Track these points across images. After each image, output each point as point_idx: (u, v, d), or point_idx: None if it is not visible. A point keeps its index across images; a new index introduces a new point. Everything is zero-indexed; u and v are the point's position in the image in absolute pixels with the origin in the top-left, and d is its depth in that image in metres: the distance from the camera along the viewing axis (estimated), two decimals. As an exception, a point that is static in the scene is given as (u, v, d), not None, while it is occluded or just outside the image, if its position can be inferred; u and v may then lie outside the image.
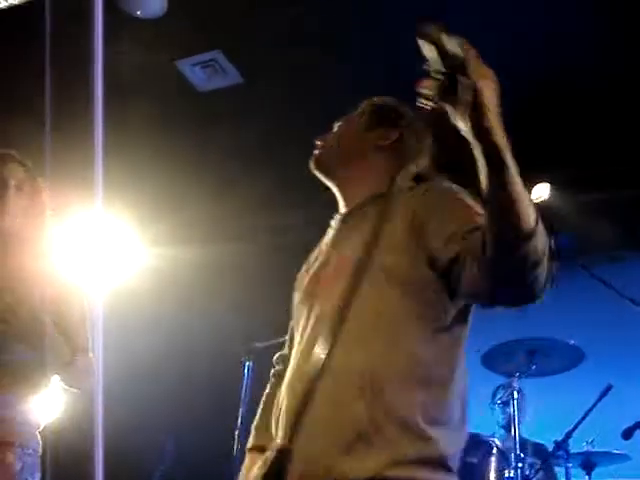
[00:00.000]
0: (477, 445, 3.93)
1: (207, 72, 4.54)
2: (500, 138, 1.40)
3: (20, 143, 2.65)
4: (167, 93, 4.70)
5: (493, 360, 4.14)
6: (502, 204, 1.45)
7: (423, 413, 1.62)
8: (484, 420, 4.46)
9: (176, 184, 5.26)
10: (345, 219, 1.94)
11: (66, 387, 2.57)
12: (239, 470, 1.90)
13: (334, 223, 1.98)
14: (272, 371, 2.07)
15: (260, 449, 1.89)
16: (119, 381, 4.29)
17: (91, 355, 2.52)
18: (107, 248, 5.05)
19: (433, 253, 1.66)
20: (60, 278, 2.55)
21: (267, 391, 2.04)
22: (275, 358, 2.07)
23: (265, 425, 1.91)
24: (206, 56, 4.43)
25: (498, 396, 4.19)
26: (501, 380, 4.16)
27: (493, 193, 1.46)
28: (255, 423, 2.00)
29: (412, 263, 1.71)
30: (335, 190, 2.01)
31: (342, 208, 1.99)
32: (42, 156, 2.25)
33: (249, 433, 1.99)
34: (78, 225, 3.75)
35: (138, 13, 4.06)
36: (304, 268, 2.02)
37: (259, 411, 2.01)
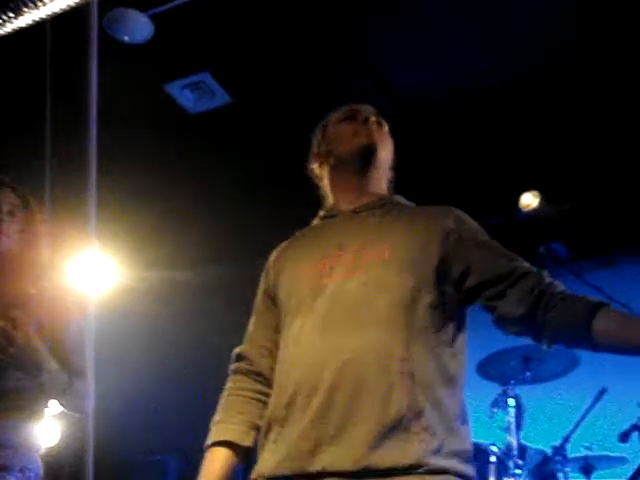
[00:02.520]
0: (475, 453, 3.91)
1: (196, 94, 4.57)
2: None
3: (14, 168, 2.68)
4: (157, 116, 4.73)
5: (488, 368, 4.16)
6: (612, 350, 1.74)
7: (453, 408, 1.71)
8: (481, 428, 4.48)
9: (169, 208, 5.28)
10: (358, 213, 1.99)
11: (66, 411, 2.59)
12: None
13: (336, 215, 2.03)
14: (232, 367, 2.02)
15: (225, 444, 1.88)
16: (116, 405, 4.31)
17: (89, 379, 2.53)
18: (100, 272, 5.06)
19: (471, 269, 1.82)
20: (56, 302, 2.56)
21: (230, 385, 2.00)
22: (235, 355, 2.03)
23: (229, 420, 1.91)
24: (194, 78, 4.47)
25: (495, 404, 4.21)
26: (497, 388, 4.17)
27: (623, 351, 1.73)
28: (217, 418, 1.95)
29: (443, 268, 1.81)
30: (352, 181, 2.04)
31: (344, 202, 2.03)
32: (38, 181, 2.27)
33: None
34: (73, 250, 3.77)
35: (125, 39, 4.09)
36: (283, 252, 2.07)
37: (221, 407, 1.97)
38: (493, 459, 3.93)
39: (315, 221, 2.12)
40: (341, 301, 1.77)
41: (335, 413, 1.65)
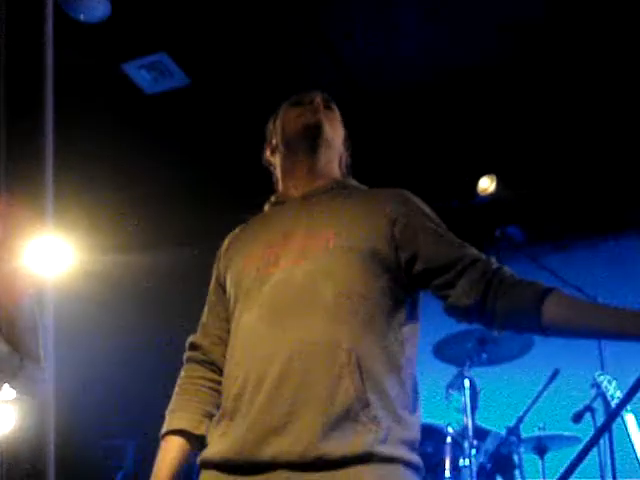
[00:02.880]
0: (431, 434, 3.98)
1: (153, 74, 4.52)
2: None
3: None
4: (113, 97, 4.68)
5: (444, 350, 4.20)
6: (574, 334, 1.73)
7: (402, 397, 1.71)
8: (437, 410, 4.52)
9: (125, 191, 5.24)
10: (306, 198, 1.97)
11: (18, 395, 2.56)
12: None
13: (284, 201, 2.03)
14: (186, 356, 2.00)
15: (179, 433, 1.87)
16: (74, 389, 4.28)
17: (42, 362, 2.51)
18: (56, 255, 5.01)
19: (418, 256, 1.80)
20: (8, 284, 2.54)
21: (184, 374, 1.98)
22: (189, 344, 2.01)
23: (183, 409, 1.90)
24: (152, 58, 4.43)
25: (451, 385, 4.24)
26: (453, 370, 4.21)
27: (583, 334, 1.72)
28: (171, 407, 1.94)
29: (390, 254, 1.80)
30: (301, 164, 2.03)
31: (294, 188, 2.02)
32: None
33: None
34: (28, 233, 3.72)
35: (81, 17, 4.03)
36: (234, 242, 2.05)
37: (175, 396, 1.95)
38: (449, 440, 3.97)
39: (266, 208, 2.11)
40: (287, 291, 1.76)
41: (281, 404, 1.64)
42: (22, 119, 2.18)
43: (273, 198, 2.09)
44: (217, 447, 1.73)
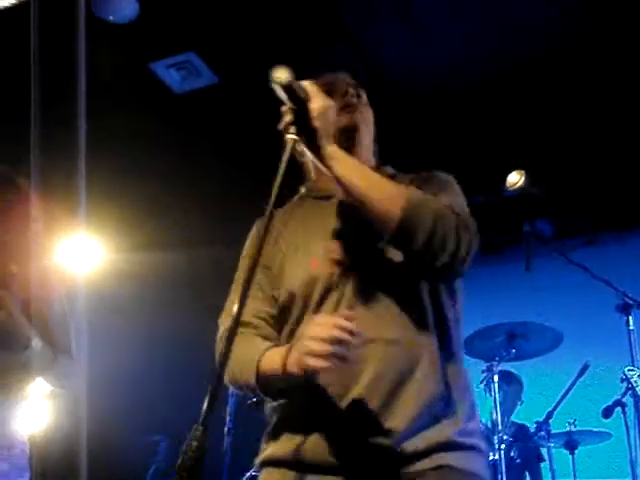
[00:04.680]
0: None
1: (182, 74, 4.56)
2: (323, 142, 1.70)
3: (3, 149, 2.67)
4: (143, 96, 4.71)
5: (473, 346, 4.20)
6: (351, 196, 1.71)
7: (468, 390, 1.79)
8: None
9: (155, 189, 5.27)
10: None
11: (52, 388, 2.60)
12: (230, 465, 1.88)
13: (330, 196, 1.94)
14: (225, 328, 1.83)
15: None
16: (106, 385, 4.32)
17: (75, 356, 2.54)
18: (88, 253, 5.07)
19: None
20: (41, 281, 2.57)
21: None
22: (233, 322, 1.66)
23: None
24: (180, 57, 4.47)
25: (480, 380, 4.24)
26: (482, 365, 4.21)
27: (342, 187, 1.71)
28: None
29: None
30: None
31: (332, 184, 1.83)
32: (26, 162, 2.27)
33: (238, 429, 1.91)
34: (60, 231, 3.77)
35: (110, 18, 4.07)
36: (280, 228, 1.96)
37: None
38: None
39: (303, 194, 2.06)
40: (354, 298, 1.76)
41: (372, 404, 1.67)
42: (55, 120, 2.21)
43: (313, 191, 2.03)
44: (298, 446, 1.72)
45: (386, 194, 1.68)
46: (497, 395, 4.01)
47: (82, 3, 2.12)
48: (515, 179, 4.70)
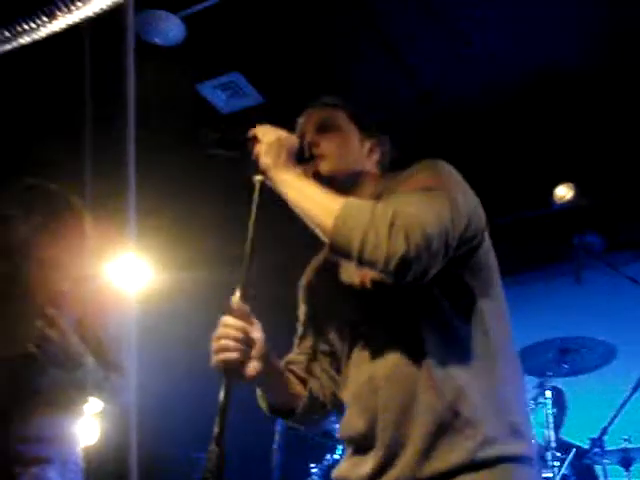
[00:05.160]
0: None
1: (228, 94, 4.61)
2: (273, 174, 1.77)
3: (55, 169, 2.72)
4: (190, 117, 4.77)
5: (523, 362, 4.14)
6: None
7: (491, 388, 1.70)
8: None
9: (203, 208, 5.31)
10: None
11: (104, 405, 2.63)
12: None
13: None
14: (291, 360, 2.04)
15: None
16: (156, 402, 4.36)
17: (125, 373, 2.57)
18: (137, 272, 5.13)
19: None
20: (93, 298, 2.60)
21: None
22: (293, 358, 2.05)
23: None
24: (226, 78, 4.51)
25: (532, 396, 4.19)
26: (534, 381, 4.16)
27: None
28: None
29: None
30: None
31: None
32: (80, 184, 2.31)
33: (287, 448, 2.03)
34: (111, 250, 3.82)
35: (157, 41, 4.13)
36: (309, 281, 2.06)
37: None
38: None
39: None
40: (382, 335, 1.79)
41: (388, 433, 1.69)
42: (106, 141, 2.24)
43: None
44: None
45: (321, 209, 1.65)
46: (549, 412, 3.96)
47: (131, 28, 2.15)
48: (563, 192, 4.66)
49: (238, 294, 1.78)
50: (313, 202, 1.67)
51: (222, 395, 1.67)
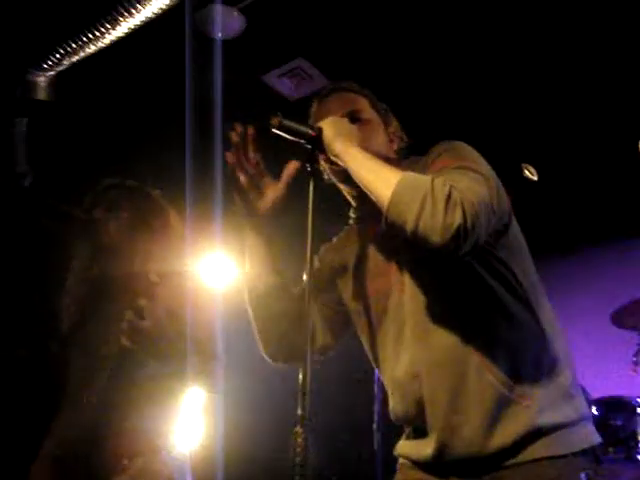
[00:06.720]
0: (620, 407, 3.86)
1: (294, 80, 4.60)
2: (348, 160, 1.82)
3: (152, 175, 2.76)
4: (261, 108, 4.77)
5: (624, 318, 4.06)
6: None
7: (541, 354, 1.77)
8: (624, 381, 4.37)
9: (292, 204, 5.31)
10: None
11: (206, 393, 2.67)
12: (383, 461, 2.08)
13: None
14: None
15: None
16: (241, 403, 4.39)
17: (221, 360, 2.60)
18: (225, 271, 5.18)
19: None
20: (184, 290, 2.64)
21: None
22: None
23: None
24: (290, 65, 4.51)
25: (636, 354, 4.09)
26: (635, 338, 4.06)
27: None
28: None
29: None
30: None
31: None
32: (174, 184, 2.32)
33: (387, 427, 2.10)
34: (201, 248, 3.87)
35: (218, 35, 4.12)
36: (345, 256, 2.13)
37: None
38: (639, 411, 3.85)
39: (354, 217, 2.21)
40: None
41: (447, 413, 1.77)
42: (196, 142, 2.25)
43: (357, 217, 2.19)
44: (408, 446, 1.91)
45: (381, 181, 1.72)
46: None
47: (189, 24, 2.16)
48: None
49: None
50: (374, 174, 1.75)
51: (301, 377, 1.71)
